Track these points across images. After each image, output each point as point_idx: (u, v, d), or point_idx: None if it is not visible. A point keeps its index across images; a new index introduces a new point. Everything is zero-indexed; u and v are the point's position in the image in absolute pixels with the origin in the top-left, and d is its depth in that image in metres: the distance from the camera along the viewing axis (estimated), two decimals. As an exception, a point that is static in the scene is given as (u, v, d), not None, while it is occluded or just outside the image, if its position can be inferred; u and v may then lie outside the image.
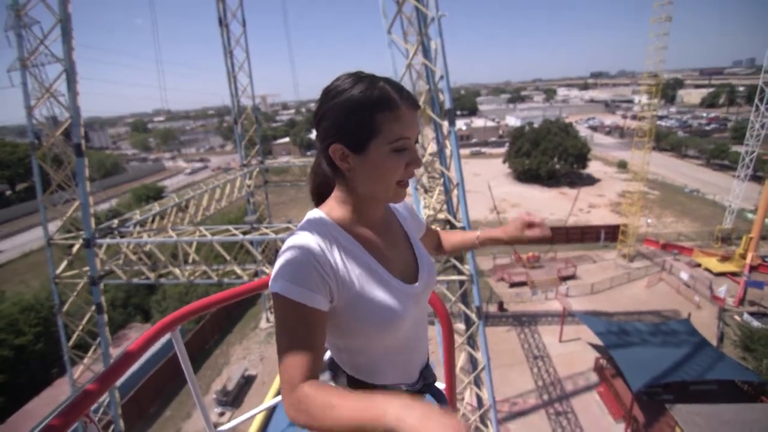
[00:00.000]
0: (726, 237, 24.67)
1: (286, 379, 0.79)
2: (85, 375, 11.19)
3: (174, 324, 1.12)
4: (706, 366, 13.10)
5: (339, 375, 1.05)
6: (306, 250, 0.87)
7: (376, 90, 0.88)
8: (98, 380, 0.85)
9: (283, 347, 0.83)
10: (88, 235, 9.84)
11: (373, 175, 0.92)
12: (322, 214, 0.99)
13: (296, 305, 0.84)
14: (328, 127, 0.91)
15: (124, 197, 41.82)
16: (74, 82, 9.13)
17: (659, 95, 24.46)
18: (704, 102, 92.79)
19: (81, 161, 9.41)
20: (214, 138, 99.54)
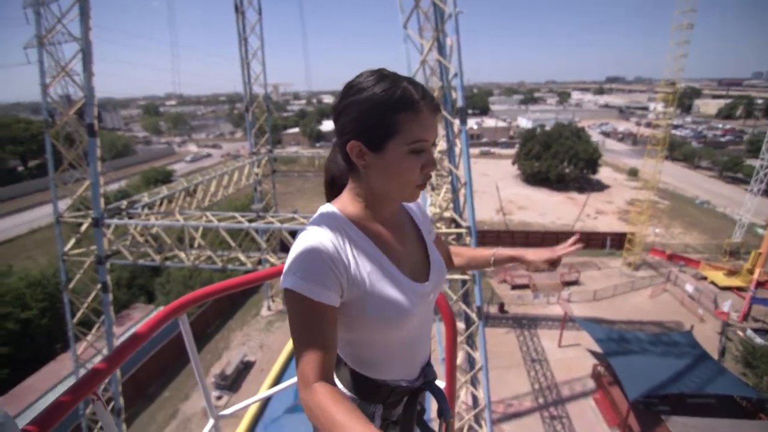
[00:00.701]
0: (734, 251, 24.36)
1: (301, 375, 0.82)
2: (88, 351, 11.40)
3: (183, 308, 1.13)
4: (706, 379, 13.01)
5: (341, 368, 1.05)
6: (318, 245, 0.87)
7: (399, 90, 0.88)
8: (106, 360, 0.87)
9: (297, 343, 0.85)
10: (97, 215, 9.96)
11: (389, 174, 0.93)
12: (335, 209, 0.99)
13: (308, 301, 0.84)
14: (347, 123, 0.92)
15: (134, 179, 42.21)
16: (89, 62, 9.19)
17: (675, 104, 24.08)
18: (721, 113, 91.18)
19: (93, 141, 9.49)
20: (224, 124, 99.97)
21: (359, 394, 1.01)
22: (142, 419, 14.71)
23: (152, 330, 1.01)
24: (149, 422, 14.58)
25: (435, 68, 8.20)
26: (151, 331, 1.01)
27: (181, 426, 14.36)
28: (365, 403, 1.02)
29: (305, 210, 36.12)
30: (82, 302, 10.93)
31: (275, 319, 20.61)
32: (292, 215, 10.70)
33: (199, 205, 14.46)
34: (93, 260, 10.41)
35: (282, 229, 10.00)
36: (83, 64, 9.20)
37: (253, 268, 11.17)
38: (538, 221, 32.57)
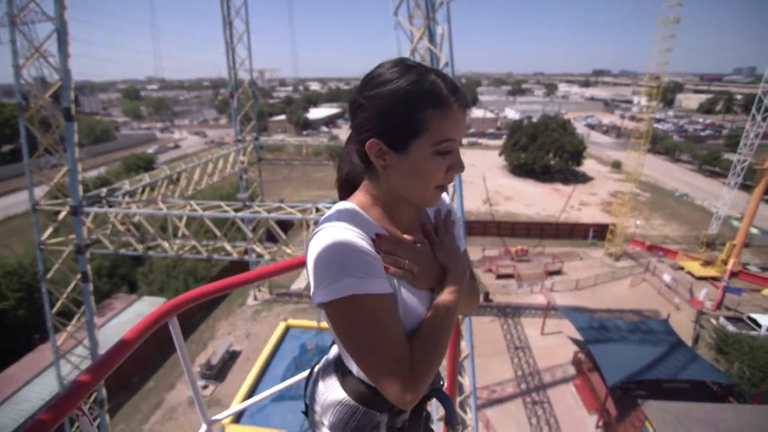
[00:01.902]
0: (710, 242, 25.21)
1: (397, 369, 0.78)
2: (69, 342, 11.15)
3: (174, 311, 1.08)
4: (680, 366, 13.54)
5: (346, 376, 1.00)
6: (352, 238, 0.80)
7: (426, 83, 0.81)
8: (91, 371, 0.81)
9: (372, 347, 0.79)
10: (76, 203, 9.65)
11: (411, 177, 0.85)
12: (355, 207, 0.91)
13: (374, 300, 0.79)
14: (367, 119, 0.84)
15: (114, 166, 40.98)
16: (65, 43, 8.79)
17: (659, 98, 24.50)
18: (702, 108, 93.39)
19: (70, 126, 9.14)
20: (208, 111, 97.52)
21: (364, 403, 0.95)
22: (125, 410, 14.56)
23: (141, 335, 0.95)
24: (133, 413, 14.44)
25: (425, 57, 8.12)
26: (140, 337, 0.95)
27: (167, 415, 14.27)
28: (371, 411, 0.96)
29: (292, 199, 35.74)
30: (61, 292, 10.65)
31: (261, 308, 20.51)
32: (279, 204, 10.57)
33: (183, 193, 14.15)
34: (72, 249, 10.11)
35: (269, 218, 9.88)
36: (58, 45, 8.79)
37: (239, 258, 11.05)
38: (524, 212, 33.01)
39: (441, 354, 0.86)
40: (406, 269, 0.88)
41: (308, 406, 1.12)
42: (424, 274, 0.91)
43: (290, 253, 11.43)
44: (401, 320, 0.87)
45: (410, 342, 0.84)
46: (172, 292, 19.69)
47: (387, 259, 0.86)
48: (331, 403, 0.99)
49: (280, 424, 10.24)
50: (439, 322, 0.88)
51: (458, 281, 0.94)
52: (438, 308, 0.90)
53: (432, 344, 0.85)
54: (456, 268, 0.96)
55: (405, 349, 0.81)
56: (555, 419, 13.88)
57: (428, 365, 0.82)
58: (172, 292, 19.69)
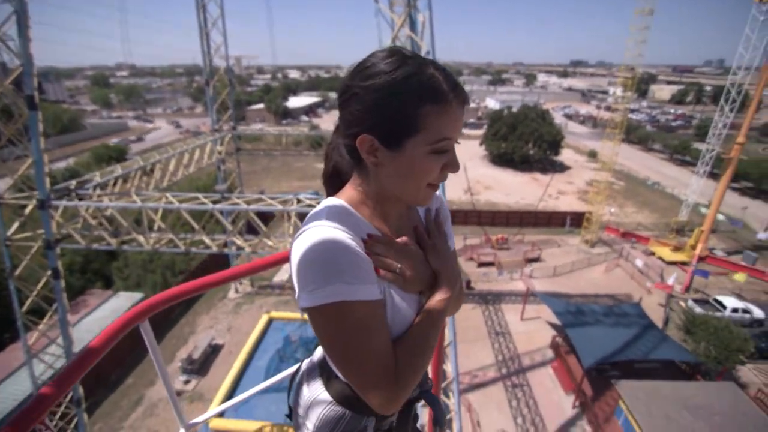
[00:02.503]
0: (680, 229, 26.28)
1: (382, 378, 0.76)
2: (41, 341, 10.74)
3: (144, 314, 1.01)
4: (651, 347, 14.19)
5: (331, 380, 0.96)
6: (342, 239, 0.75)
7: (425, 77, 0.75)
8: (55, 383, 0.75)
9: (358, 353, 0.76)
10: (43, 196, 9.20)
11: (404, 176, 0.81)
12: (344, 204, 0.87)
13: (362, 306, 0.75)
14: (359, 113, 0.78)
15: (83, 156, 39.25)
16: (26, 27, 8.26)
17: (634, 89, 25.11)
18: (674, 98, 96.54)
19: (34, 115, 8.65)
20: (183, 99, 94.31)
21: (351, 407, 0.92)
22: (104, 408, 14.21)
23: (108, 342, 0.89)
24: (112, 410, 14.12)
25: (406, 45, 8.03)
26: (108, 344, 0.89)
27: (148, 412, 14.02)
28: (357, 415, 0.93)
29: (272, 190, 35.16)
30: (31, 290, 10.20)
31: (243, 301, 20.26)
32: (259, 196, 10.38)
33: (158, 185, 13.70)
34: (41, 245, 9.67)
35: (248, 210, 9.69)
36: (18, 28, 8.24)
37: (218, 252, 10.83)
38: (504, 201, 33.55)
39: (427, 360, 0.85)
40: (398, 273, 0.84)
41: (292, 409, 1.08)
42: (415, 278, 0.88)
43: (271, 245, 11.28)
44: (389, 325, 0.84)
45: (397, 348, 0.82)
46: (149, 286, 19.19)
47: (378, 262, 0.83)
48: (316, 407, 0.96)
49: (265, 416, 10.19)
50: (428, 328, 0.86)
51: (450, 287, 0.92)
52: (427, 314, 0.88)
53: (419, 351, 0.83)
54: (448, 272, 0.93)
55: (390, 357, 0.79)
56: (534, 401, 14.36)
57: (413, 372, 0.80)
58: (149, 286, 19.19)
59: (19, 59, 8.49)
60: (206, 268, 20.90)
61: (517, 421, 13.59)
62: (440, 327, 0.89)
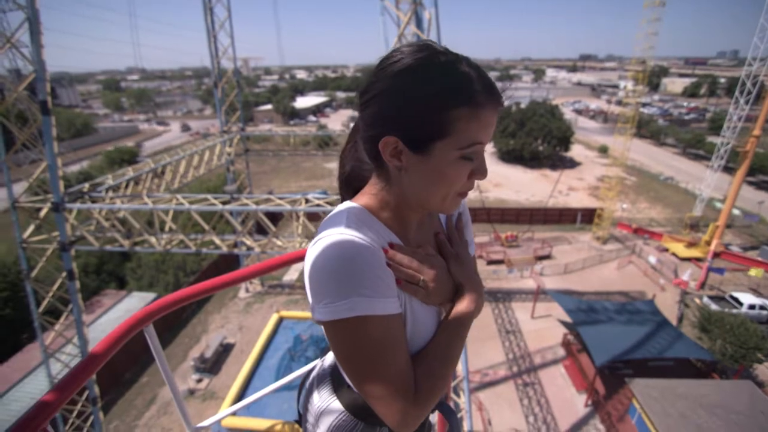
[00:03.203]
0: (694, 224, 25.77)
1: (400, 397, 0.72)
2: (57, 341, 10.97)
3: (148, 318, 1.00)
4: (666, 344, 13.94)
5: (343, 388, 0.92)
6: (363, 247, 0.70)
7: (458, 76, 0.69)
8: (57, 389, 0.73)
9: (377, 366, 0.72)
10: (57, 199, 9.39)
11: (430, 182, 0.75)
12: (363, 210, 0.81)
13: (383, 321, 0.71)
14: (383, 113, 0.73)
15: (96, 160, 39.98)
16: (38, 33, 8.42)
17: (645, 82, 24.67)
18: (686, 91, 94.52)
19: (47, 120, 8.82)
20: (192, 101, 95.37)
21: (363, 417, 0.89)
22: (119, 406, 14.48)
23: (112, 347, 0.87)
24: (127, 408, 14.38)
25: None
26: (111, 349, 0.87)
27: (161, 410, 14.24)
28: (369, 426, 0.90)
29: (281, 190, 35.39)
30: (47, 291, 10.42)
31: (253, 300, 20.45)
32: (268, 196, 10.44)
33: (168, 187, 13.88)
34: (56, 247, 9.87)
35: (257, 210, 9.76)
36: (30, 34, 8.41)
37: (228, 252, 10.93)
38: (513, 198, 33.28)
39: (448, 377, 0.80)
40: (421, 285, 0.79)
41: (301, 415, 1.06)
42: (438, 290, 0.83)
43: (281, 245, 11.36)
44: (409, 338, 0.80)
45: (416, 364, 0.77)
46: (162, 287, 19.49)
47: (400, 273, 0.78)
48: (326, 416, 0.93)
49: (277, 415, 10.27)
50: (449, 343, 0.81)
51: (473, 299, 0.86)
52: (449, 328, 0.83)
53: (439, 367, 0.78)
54: (471, 284, 0.87)
55: (409, 374, 0.74)
56: (546, 400, 14.23)
57: (434, 390, 0.76)
58: (162, 287, 19.49)
59: (32, 65, 8.67)
60: (217, 268, 21.14)
61: (528, 419, 13.48)
62: (463, 342, 0.83)
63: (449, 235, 0.96)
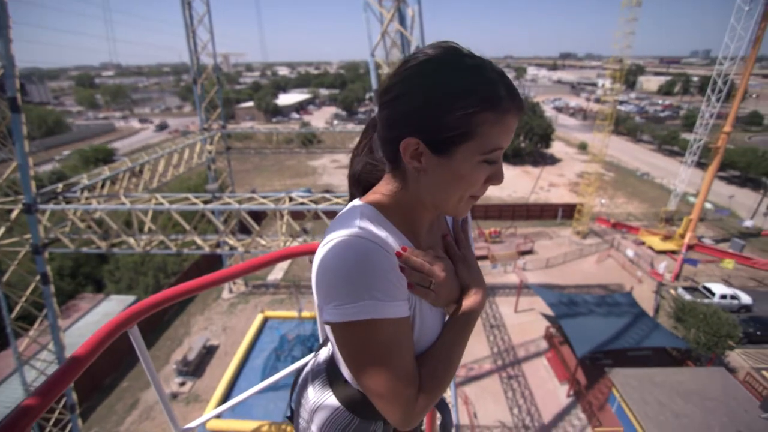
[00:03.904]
0: (669, 218, 26.67)
1: (404, 395, 0.74)
2: (32, 348, 10.59)
3: (132, 319, 0.98)
4: (643, 334, 14.41)
5: (340, 384, 0.93)
6: (376, 249, 0.70)
7: (484, 81, 0.69)
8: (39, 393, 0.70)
9: (388, 367, 0.73)
10: (29, 200, 9.02)
11: (448, 185, 0.75)
12: (374, 210, 0.81)
13: (393, 324, 0.72)
14: (405, 114, 0.72)
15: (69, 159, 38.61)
16: (6, 27, 8.04)
17: (622, 80, 25.31)
18: (661, 89, 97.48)
19: (17, 117, 8.45)
20: (170, 98, 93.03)
21: (359, 412, 0.90)
22: (99, 412, 14.07)
23: (95, 350, 0.85)
24: (108, 414, 14.00)
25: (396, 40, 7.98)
26: (94, 352, 0.85)
27: (144, 414, 13.92)
28: (365, 421, 0.91)
29: (264, 188, 34.93)
30: (20, 296, 10.03)
31: (237, 301, 20.16)
32: (251, 195, 10.29)
33: (147, 186, 13.52)
34: (28, 250, 9.50)
35: (240, 209, 9.61)
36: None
37: (211, 252, 10.74)
38: (496, 195, 33.70)
39: (451, 376, 0.82)
40: (431, 288, 0.80)
41: (293, 411, 1.06)
42: (447, 293, 0.84)
43: (264, 244, 11.22)
44: (415, 340, 0.81)
45: (421, 364, 0.79)
46: (141, 289, 19.00)
47: (412, 277, 0.78)
48: (322, 411, 0.93)
49: (263, 415, 10.20)
50: (454, 344, 0.83)
51: (478, 301, 0.87)
52: (453, 329, 0.84)
53: (443, 368, 0.80)
54: (478, 287, 0.88)
55: (414, 375, 0.76)
56: (529, 391, 14.54)
57: (437, 390, 0.78)
58: (141, 289, 19.00)
59: (0, 60, 8.29)
60: (199, 269, 20.74)
61: (513, 411, 13.75)
62: (466, 342, 0.85)
63: (456, 237, 0.96)
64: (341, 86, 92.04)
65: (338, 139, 23.65)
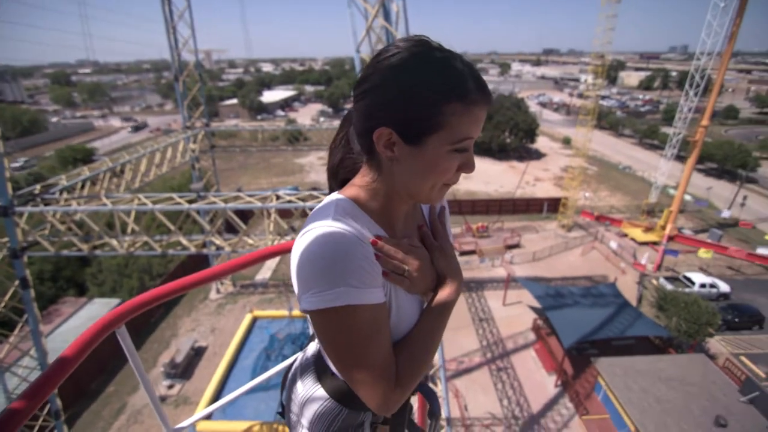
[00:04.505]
0: (650, 210, 27.34)
1: (382, 380, 0.76)
2: (12, 354, 10.29)
3: (121, 319, 0.96)
4: (627, 324, 14.80)
5: (326, 376, 0.95)
6: (351, 239, 0.73)
7: (453, 72, 0.72)
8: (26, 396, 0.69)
9: (362, 354, 0.75)
10: (5, 202, 8.73)
11: (421, 173, 0.78)
12: (351, 202, 0.83)
13: (369, 310, 0.74)
14: (379, 105, 0.75)
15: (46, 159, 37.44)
16: (-26, 22, 7.73)
17: (604, 76, 25.75)
18: (641, 84, 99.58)
19: (-11, 117, 8.16)
20: (151, 96, 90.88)
21: (347, 403, 0.92)
22: (85, 418, 13.77)
23: (83, 351, 0.84)
24: (94, 420, 13.70)
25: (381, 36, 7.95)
26: (82, 353, 0.84)
27: (131, 419, 13.68)
28: (353, 412, 0.94)
29: (250, 187, 34.50)
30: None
31: (225, 301, 19.92)
32: (237, 193, 10.16)
33: (129, 186, 13.22)
34: (6, 254, 9.20)
35: (226, 209, 9.48)
36: (-35, 23, 7.71)
37: (197, 252, 10.57)
38: (483, 190, 34.03)
39: (428, 362, 0.85)
40: (405, 276, 0.84)
41: (284, 407, 1.07)
42: (422, 280, 0.87)
43: (252, 243, 11.10)
44: (393, 326, 0.84)
45: (399, 351, 0.82)
46: (126, 292, 18.60)
47: (387, 265, 0.81)
48: (311, 403, 0.95)
49: (254, 416, 10.14)
50: (431, 330, 0.86)
51: (454, 289, 0.90)
52: (430, 316, 0.87)
53: (420, 354, 0.83)
54: (453, 274, 0.92)
55: (391, 360, 0.79)
56: (518, 383, 14.78)
57: (415, 374, 0.81)
58: (126, 292, 18.60)
59: (-31, 57, 7.97)
60: (185, 270, 20.41)
61: (503, 403, 13.97)
62: (443, 328, 0.88)
63: (432, 227, 0.99)
64: (327, 83, 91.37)
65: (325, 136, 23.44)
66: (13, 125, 47.92)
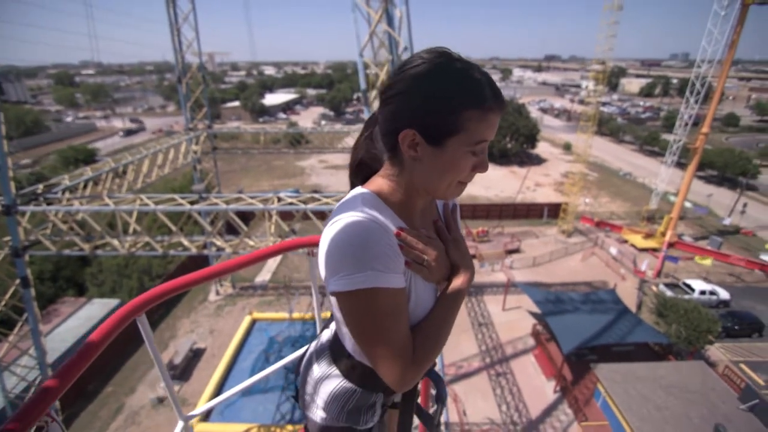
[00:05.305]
0: (650, 217, 27.36)
1: (401, 358, 0.84)
2: (12, 353, 10.29)
3: (142, 308, 1.02)
4: (627, 330, 14.77)
5: (342, 357, 1.03)
6: (376, 227, 0.81)
7: (471, 82, 0.81)
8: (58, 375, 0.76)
9: (385, 335, 0.83)
10: (8, 201, 8.77)
11: (440, 172, 0.86)
12: (374, 196, 0.91)
13: (392, 294, 0.82)
14: (405, 109, 0.83)
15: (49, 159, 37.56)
16: (-19, 22, 7.81)
17: (605, 82, 25.87)
18: (642, 91, 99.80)
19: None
20: (153, 97, 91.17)
21: (361, 384, 1.01)
22: (83, 419, 13.73)
23: (108, 335, 0.90)
24: (92, 420, 13.67)
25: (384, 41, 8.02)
26: (107, 337, 0.90)
27: (129, 420, 13.64)
28: (366, 392, 1.02)
29: (251, 189, 34.57)
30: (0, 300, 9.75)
31: (225, 303, 19.91)
32: (238, 195, 10.20)
33: (131, 187, 13.27)
34: (8, 253, 9.23)
35: (227, 210, 9.51)
36: (-28, 23, 7.79)
37: (198, 253, 10.60)
38: (484, 195, 34.08)
39: (441, 345, 0.92)
40: (424, 265, 0.91)
41: (298, 390, 1.15)
42: (439, 270, 0.94)
43: (253, 245, 11.13)
44: (411, 311, 0.91)
45: (416, 332, 0.90)
46: (125, 292, 18.60)
47: (408, 253, 0.89)
48: (326, 383, 1.03)
49: (251, 418, 10.10)
50: (445, 315, 0.93)
51: (466, 278, 0.98)
52: (445, 302, 0.95)
53: (435, 336, 0.91)
54: (466, 266, 1.00)
55: (409, 341, 0.87)
56: (517, 388, 14.74)
57: (429, 355, 0.88)
58: (125, 292, 18.60)
59: (-25, 57, 8.04)
60: (185, 271, 20.40)
61: (501, 408, 13.92)
62: (456, 314, 0.96)
63: (446, 221, 1.08)
64: (329, 86, 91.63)
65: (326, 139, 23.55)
66: (17, 125, 48.11)
